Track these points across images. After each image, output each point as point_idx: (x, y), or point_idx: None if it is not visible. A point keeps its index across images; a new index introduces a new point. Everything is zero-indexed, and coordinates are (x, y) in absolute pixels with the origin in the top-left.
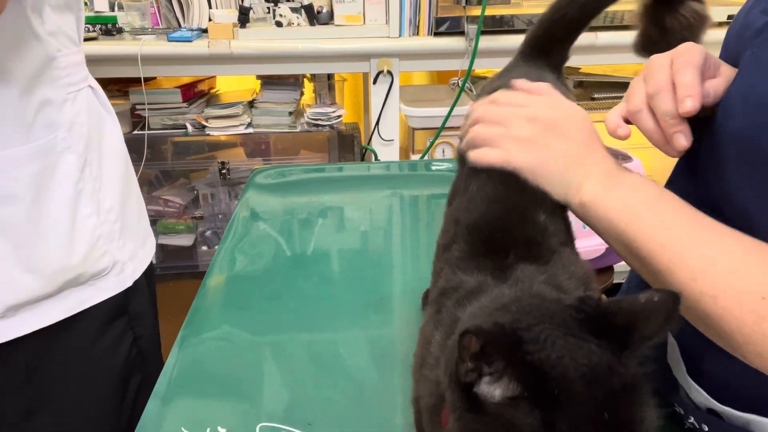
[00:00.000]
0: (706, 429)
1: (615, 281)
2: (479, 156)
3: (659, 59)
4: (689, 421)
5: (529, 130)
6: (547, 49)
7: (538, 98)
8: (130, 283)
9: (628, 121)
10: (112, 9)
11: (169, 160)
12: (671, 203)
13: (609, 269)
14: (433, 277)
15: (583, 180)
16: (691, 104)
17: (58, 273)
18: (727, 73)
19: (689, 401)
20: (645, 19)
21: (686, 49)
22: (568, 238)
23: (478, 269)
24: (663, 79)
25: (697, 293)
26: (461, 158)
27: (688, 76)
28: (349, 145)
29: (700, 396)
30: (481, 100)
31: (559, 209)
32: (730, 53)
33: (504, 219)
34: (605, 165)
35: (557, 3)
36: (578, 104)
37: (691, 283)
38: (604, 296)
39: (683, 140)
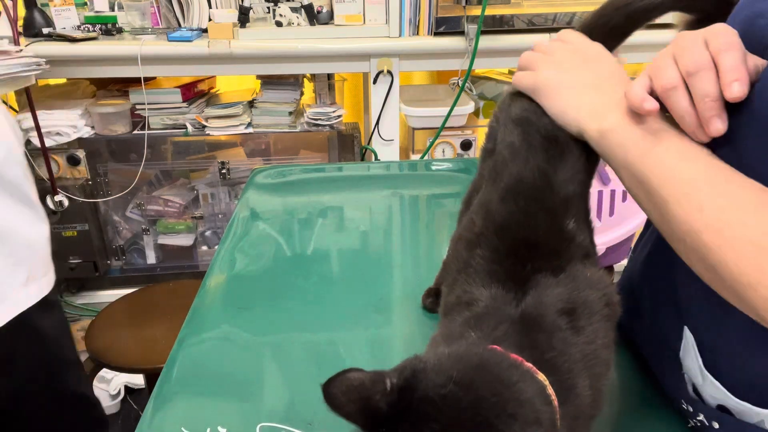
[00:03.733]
0: (717, 426)
1: (615, 281)
2: (516, 78)
3: (692, 36)
4: (697, 419)
5: (566, 60)
6: None
7: (591, 42)
8: (23, 307)
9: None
10: (112, 9)
11: (169, 160)
12: (688, 141)
13: (609, 269)
14: (446, 278)
15: (605, 107)
16: (739, 89)
17: None
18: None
19: (698, 398)
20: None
21: (723, 29)
22: (591, 247)
23: (496, 281)
24: (704, 58)
25: (702, 225)
26: (486, 152)
27: (733, 58)
28: (349, 145)
29: (716, 391)
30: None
31: (584, 214)
32: None
33: (529, 224)
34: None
35: (601, 9)
36: None
37: (697, 214)
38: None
39: (720, 125)
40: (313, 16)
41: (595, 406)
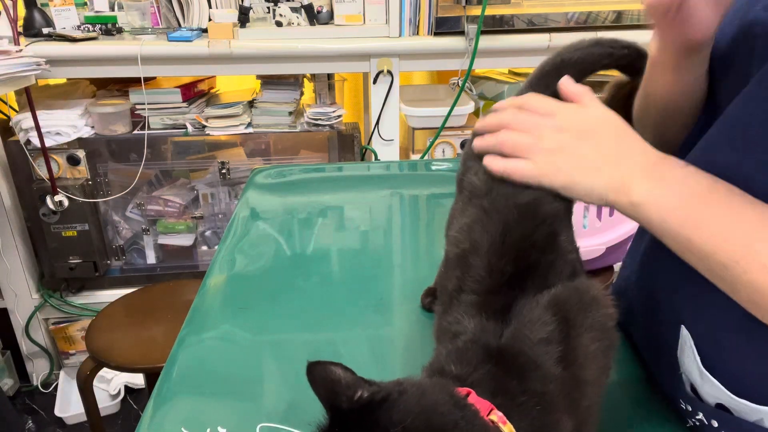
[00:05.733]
0: (716, 425)
1: (615, 281)
2: (510, 168)
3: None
4: (696, 417)
5: (560, 141)
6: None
7: (566, 106)
8: None
9: None
10: (112, 9)
11: (169, 160)
12: (725, 193)
13: (609, 269)
14: (440, 295)
15: (626, 179)
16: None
17: None
18: None
19: (696, 397)
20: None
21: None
22: (579, 264)
23: (481, 309)
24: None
25: None
26: (461, 182)
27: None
28: (349, 144)
29: (714, 389)
30: (507, 102)
31: (569, 230)
32: (723, 52)
33: (515, 242)
34: (645, 157)
35: (540, 68)
36: None
37: (764, 272)
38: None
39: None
40: (313, 16)
41: (589, 430)
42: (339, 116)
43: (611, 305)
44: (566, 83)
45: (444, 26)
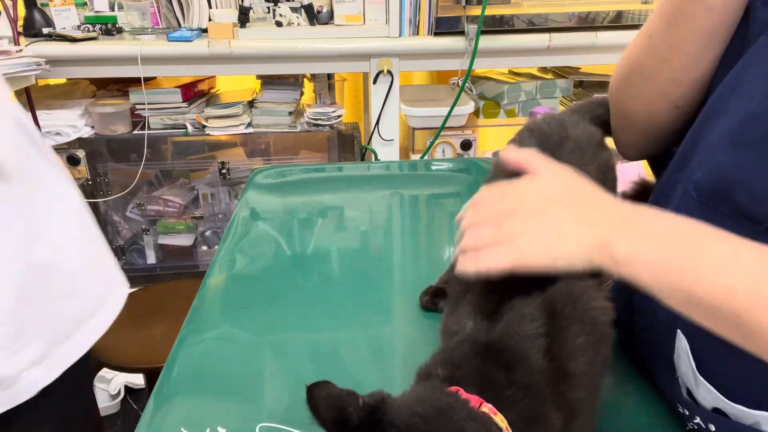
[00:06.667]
0: (713, 429)
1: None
2: (483, 266)
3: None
4: (694, 421)
5: (519, 222)
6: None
7: (517, 183)
8: (25, 397)
9: None
10: (112, 9)
11: (169, 160)
12: (710, 236)
13: None
14: (450, 293)
15: (603, 236)
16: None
17: None
18: None
19: (693, 401)
20: None
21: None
22: None
23: (478, 309)
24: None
25: None
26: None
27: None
28: (349, 144)
29: (709, 394)
30: (466, 205)
31: None
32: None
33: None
34: (614, 211)
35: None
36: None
37: None
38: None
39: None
40: (313, 16)
41: (581, 426)
42: (339, 116)
43: (603, 299)
44: (508, 155)
45: (444, 26)
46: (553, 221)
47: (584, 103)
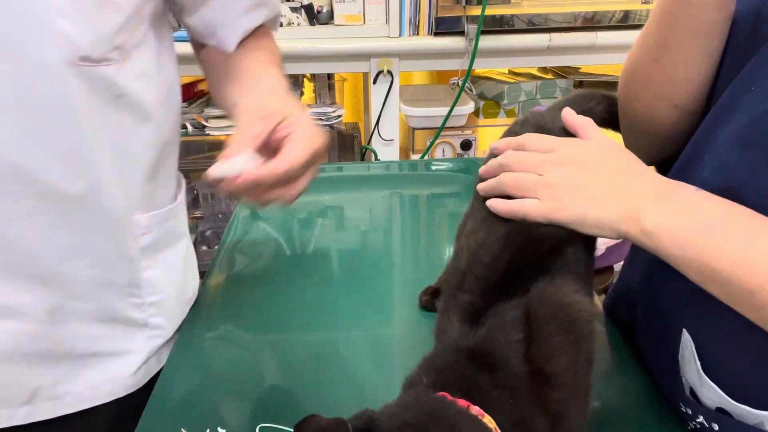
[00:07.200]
0: (716, 428)
1: (615, 281)
2: (516, 208)
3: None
4: (696, 421)
5: (563, 175)
6: None
7: (567, 140)
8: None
9: None
10: None
11: None
12: (740, 214)
13: (609, 269)
14: (443, 294)
15: (636, 207)
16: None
17: None
18: None
19: (696, 401)
20: None
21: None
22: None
23: (464, 313)
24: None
25: None
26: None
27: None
28: (349, 144)
29: (713, 393)
30: (505, 141)
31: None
32: (740, 32)
33: (517, 252)
34: (654, 184)
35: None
36: None
37: None
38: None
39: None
40: (313, 16)
41: (568, 427)
42: (339, 116)
43: (580, 294)
44: (568, 114)
45: (444, 26)
46: (594, 183)
47: (573, 97)
